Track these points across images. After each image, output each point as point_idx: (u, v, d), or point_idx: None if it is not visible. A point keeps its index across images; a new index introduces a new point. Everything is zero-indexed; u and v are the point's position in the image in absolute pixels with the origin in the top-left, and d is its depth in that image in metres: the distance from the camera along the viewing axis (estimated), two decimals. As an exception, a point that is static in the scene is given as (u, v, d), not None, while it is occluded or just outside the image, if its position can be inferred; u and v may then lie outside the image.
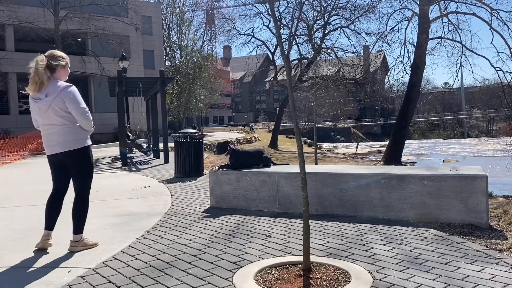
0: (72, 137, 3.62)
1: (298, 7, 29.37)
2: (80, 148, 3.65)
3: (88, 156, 3.73)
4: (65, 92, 3.55)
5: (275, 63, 33.97)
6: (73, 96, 3.57)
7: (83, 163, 3.71)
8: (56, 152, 3.64)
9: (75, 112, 3.58)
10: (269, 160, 5.75)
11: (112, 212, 5.40)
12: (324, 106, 24.44)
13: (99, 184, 8.21)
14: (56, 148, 3.63)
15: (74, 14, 23.69)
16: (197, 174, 8.73)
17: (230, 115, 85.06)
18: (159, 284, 2.88)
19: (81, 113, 3.59)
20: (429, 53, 20.64)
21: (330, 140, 53.95)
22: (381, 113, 72.75)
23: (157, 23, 36.72)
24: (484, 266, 3.00)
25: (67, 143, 3.60)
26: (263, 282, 2.87)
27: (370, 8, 25.99)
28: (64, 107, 3.55)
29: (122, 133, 12.97)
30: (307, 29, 29.44)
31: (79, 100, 3.60)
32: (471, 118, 77.39)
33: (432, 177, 4.35)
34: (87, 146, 3.73)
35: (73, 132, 3.62)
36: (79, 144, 3.65)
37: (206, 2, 44.41)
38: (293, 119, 3.23)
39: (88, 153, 3.73)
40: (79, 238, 3.71)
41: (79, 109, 3.58)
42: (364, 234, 3.94)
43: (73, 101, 3.56)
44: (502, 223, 4.32)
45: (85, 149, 3.70)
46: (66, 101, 3.53)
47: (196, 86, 37.54)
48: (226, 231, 4.24)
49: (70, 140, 3.61)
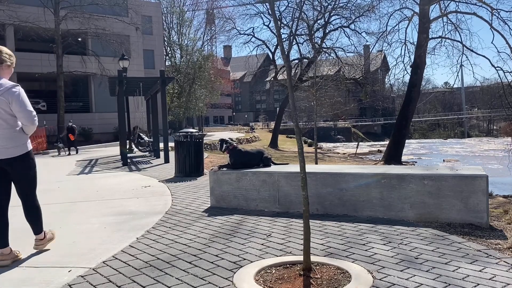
0: (13, 143, 3.30)
1: (298, 7, 29.39)
2: (23, 154, 3.37)
3: (32, 160, 3.46)
4: (10, 92, 3.21)
5: (275, 62, 33.95)
6: (21, 97, 3.24)
7: (28, 170, 3.43)
8: None
9: (22, 115, 3.25)
10: (269, 160, 5.75)
11: (112, 211, 5.40)
12: (325, 106, 24.45)
13: (99, 184, 8.22)
14: None
15: (75, 14, 23.71)
16: (198, 174, 8.74)
17: (231, 115, 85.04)
18: (159, 283, 2.88)
19: (28, 117, 3.27)
20: (429, 53, 20.63)
21: (330, 140, 53.96)
22: (381, 113, 72.70)
23: (157, 23, 36.72)
24: (484, 266, 3.00)
25: (8, 150, 3.28)
26: (263, 281, 2.87)
27: (371, 7, 26.00)
28: (8, 108, 3.21)
29: (122, 132, 12.97)
30: (308, 29, 29.44)
31: (26, 102, 3.27)
32: (471, 118, 77.38)
33: (433, 177, 4.34)
34: (30, 151, 3.44)
35: (14, 137, 3.31)
36: (22, 150, 3.36)
37: (207, 2, 44.44)
38: (294, 118, 3.23)
39: (32, 157, 3.47)
40: (42, 236, 3.64)
41: (26, 112, 3.25)
42: (364, 234, 3.94)
43: (20, 103, 3.23)
44: (502, 223, 4.32)
45: (28, 154, 3.42)
46: (11, 102, 3.20)
47: (196, 86, 37.54)
48: (226, 230, 4.25)
49: (10, 146, 3.29)
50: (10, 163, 3.33)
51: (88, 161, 13.48)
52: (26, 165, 3.43)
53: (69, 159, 14.95)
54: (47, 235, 3.69)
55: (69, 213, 5.42)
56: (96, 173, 10.22)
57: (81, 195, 6.85)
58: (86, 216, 5.19)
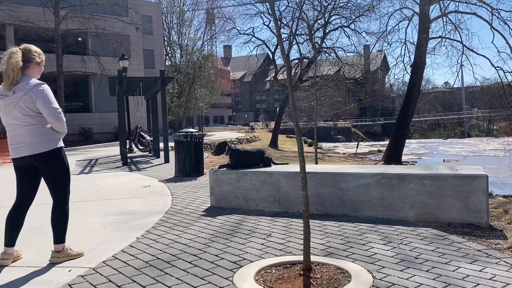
0: (41, 138, 3.28)
1: (298, 7, 29.35)
2: (51, 150, 3.30)
3: (61, 158, 3.40)
4: (36, 90, 3.22)
5: (276, 62, 33.92)
6: (45, 95, 3.24)
7: (57, 167, 3.37)
8: (22, 155, 3.29)
9: (47, 112, 3.24)
10: (269, 160, 5.75)
11: (112, 211, 5.40)
12: (325, 106, 24.41)
13: (99, 184, 8.22)
14: (22, 151, 3.28)
15: (75, 14, 23.70)
16: (198, 174, 8.73)
17: (231, 115, 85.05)
18: (159, 283, 2.88)
19: (53, 114, 3.25)
20: (429, 53, 20.62)
21: (330, 140, 53.94)
22: (381, 113, 72.71)
23: (158, 23, 36.70)
24: (484, 266, 3.00)
25: (35, 145, 3.26)
26: (263, 281, 2.87)
27: (371, 7, 25.96)
28: (33, 106, 3.23)
29: (122, 132, 12.97)
30: (308, 29, 29.41)
31: (51, 100, 3.26)
32: (471, 118, 77.39)
33: (433, 177, 4.34)
34: (60, 147, 3.38)
35: (42, 133, 3.29)
36: (49, 146, 3.30)
37: (207, 2, 44.31)
38: (294, 118, 3.23)
39: (61, 155, 3.40)
40: (60, 248, 3.39)
41: (51, 109, 3.24)
42: (364, 233, 3.94)
43: (44, 101, 3.23)
44: (502, 223, 4.32)
45: (57, 151, 3.36)
46: (36, 100, 3.21)
47: (197, 85, 37.53)
48: (226, 230, 4.25)
49: (38, 142, 3.27)
50: (38, 159, 3.28)
51: (88, 161, 13.48)
52: (54, 162, 3.35)
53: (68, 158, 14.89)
54: (66, 250, 3.43)
55: (69, 213, 5.41)
56: (96, 173, 10.22)
57: (81, 195, 6.84)
58: (86, 216, 5.19)
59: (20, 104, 3.20)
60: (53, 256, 3.38)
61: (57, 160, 3.37)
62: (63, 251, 3.40)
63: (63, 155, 3.43)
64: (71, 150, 19.25)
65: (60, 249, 3.39)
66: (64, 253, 3.40)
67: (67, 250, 3.43)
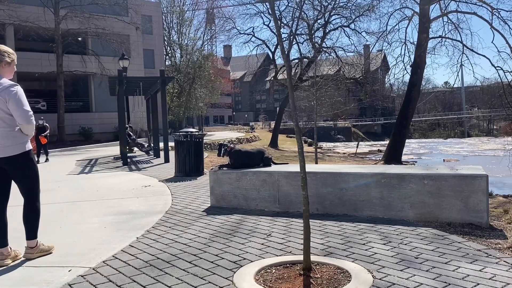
0: (12, 141, 3.29)
1: (298, 6, 29.37)
2: (22, 153, 3.34)
3: (31, 159, 3.44)
4: (8, 91, 3.20)
5: (276, 62, 33.95)
6: (18, 96, 3.22)
7: (27, 169, 3.40)
8: None
9: (18, 113, 3.23)
10: (269, 160, 5.75)
11: (112, 211, 5.40)
12: (325, 106, 24.43)
13: (99, 183, 8.22)
14: None
15: (75, 14, 23.71)
16: (198, 174, 8.73)
17: (231, 115, 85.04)
18: (159, 283, 2.88)
19: (24, 116, 3.24)
20: (429, 53, 20.65)
21: (330, 140, 53.92)
22: (381, 113, 72.72)
23: (157, 23, 36.70)
24: (484, 266, 3.00)
25: (6, 148, 3.27)
26: (263, 281, 2.87)
27: (371, 7, 25.96)
28: (5, 107, 3.21)
29: (122, 132, 12.97)
30: (308, 28, 29.41)
31: (23, 102, 3.25)
32: (471, 118, 77.37)
33: (433, 177, 4.34)
34: (28, 150, 3.41)
35: (12, 136, 3.29)
36: (20, 149, 3.33)
37: (207, 1, 44.32)
38: (294, 118, 3.23)
39: (30, 157, 3.44)
40: (33, 244, 3.45)
41: (23, 111, 3.24)
42: (364, 233, 3.94)
43: (17, 102, 3.21)
44: (502, 223, 4.32)
45: (27, 153, 3.40)
46: (8, 101, 3.19)
47: (197, 85, 37.52)
48: (226, 230, 4.25)
49: (8, 145, 3.28)
50: (8, 162, 3.31)
51: (88, 161, 13.48)
52: (25, 164, 3.39)
53: (68, 158, 14.94)
54: (40, 245, 3.51)
55: (69, 213, 5.42)
56: (96, 173, 10.22)
57: (81, 195, 6.85)
58: (86, 215, 5.19)
59: None
60: (27, 252, 3.46)
61: (27, 163, 3.41)
62: (36, 247, 3.48)
63: (32, 157, 3.49)
64: (71, 150, 19.25)
65: (34, 245, 3.47)
66: (37, 248, 3.48)
67: (40, 245, 3.52)
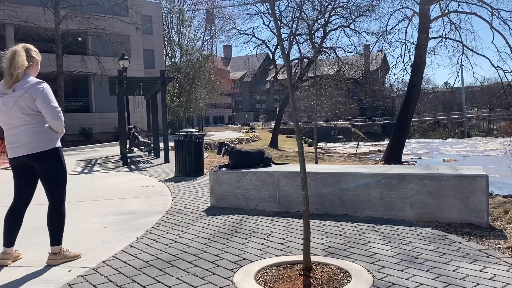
0: (39, 138, 3.23)
1: (298, 7, 29.37)
2: (49, 150, 3.26)
3: (59, 158, 3.34)
4: (35, 88, 3.19)
5: (276, 62, 33.95)
6: (45, 93, 3.21)
7: (54, 167, 3.31)
8: (19, 155, 3.25)
9: (46, 110, 3.21)
10: (270, 160, 5.75)
11: (113, 211, 5.40)
12: (325, 106, 24.41)
13: (100, 184, 8.22)
14: (19, 151, 3.24)
15: (75, 14, 23.69)
16: (198, 174, 8.73)
17: (231, 115, 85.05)
18: (159, 283, 2.88)
19: (52, 112, 3.22)
20: (429, 53, 20.64)
21: (330, 140, 53.92)
22: (381, 113, 72.71)
23: (158, 23, 36.69)
24: (484, 266, 3.00)
25: (32, 144, 3.22)
26: (264, 281, 2.87)
27: (371, 7, 25.99)
28: (33, 105, 3.19)
29: (122, 132, 12.97)
30: (308, 29, 29.39)
31: (50, 98, 3.23)
32: (471, 118, 77.34)
33: (433, 177, 4.35)
34: (57, 147, 3.33)
35: (40, 132, 3.25)
36: (47, 145, 3.26)
37: (207, 2, 44.34)
38: (294, 118, 3.23)
39: (59, 155, 3.34)
40: (57, 250, 3.33)
41: (51, 108, 3.22)
42: (364, 233, 3.94)
43: (44, 99, 3.20)
44: (502, 223, 4.32)
45: (55, 151, 3.30)
46: (36, 99, 3.18)
47: (197, 85, 37.51)
48: (226, 230, 4.25)
49: (36, 141, 3.22)
50: (36, 158, 3.23)
51: (88, 161, 13.48)
52: (52, 162, 3.29)
53: (68, 158, 14.94)
54: (64, 252, 3.36)
55: (69, 213, 5.38)
56: (96, 173, 10.22)
57: (81, 195, 6.85)
58: (86, 215, 5.19)
59: (20, 102, 3.17)
60: (50, 258, 3.32)
61: (54, 160, 3.31)
62: (60, 253, 3.34)
63: (61, 155, 3.37)
64: (71, 150, 19.25)
65: (57, 251, 3.33)
66: (61, 255, 3.34)
67: (64, 252, 3.37)
